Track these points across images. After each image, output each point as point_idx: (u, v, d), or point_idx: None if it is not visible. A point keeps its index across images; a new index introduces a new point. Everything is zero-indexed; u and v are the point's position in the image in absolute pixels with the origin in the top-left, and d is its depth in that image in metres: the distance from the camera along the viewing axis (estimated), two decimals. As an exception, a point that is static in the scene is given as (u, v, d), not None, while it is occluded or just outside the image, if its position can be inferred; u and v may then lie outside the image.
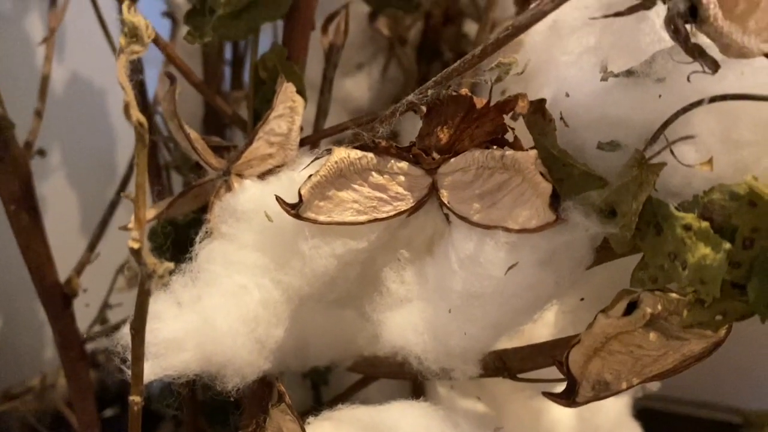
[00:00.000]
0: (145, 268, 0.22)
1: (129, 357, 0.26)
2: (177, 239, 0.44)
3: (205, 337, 0.27)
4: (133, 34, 0.22)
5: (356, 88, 0.61)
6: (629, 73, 0.25)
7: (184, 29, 0.64)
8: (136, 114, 0.21)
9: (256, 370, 0.28)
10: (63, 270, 0.50)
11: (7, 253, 0.52)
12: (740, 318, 0.23)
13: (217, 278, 0.28)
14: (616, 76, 0.25)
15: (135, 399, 0.24)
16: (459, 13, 0.61)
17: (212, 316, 0.27)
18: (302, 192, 0.28)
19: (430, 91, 0.28)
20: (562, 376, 0.28)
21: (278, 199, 0.28)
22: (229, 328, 0.27)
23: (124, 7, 0.22)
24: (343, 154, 0.28)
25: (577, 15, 0.27)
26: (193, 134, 0.37)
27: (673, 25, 0.22)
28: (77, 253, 0.67)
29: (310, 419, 0.30)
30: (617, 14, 0.23)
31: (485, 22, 0.42)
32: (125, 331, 0.26)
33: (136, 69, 0.22)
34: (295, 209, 0.28)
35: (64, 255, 0.53)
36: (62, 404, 0.80)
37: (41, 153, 0.55)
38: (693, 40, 0.23)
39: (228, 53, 0.62)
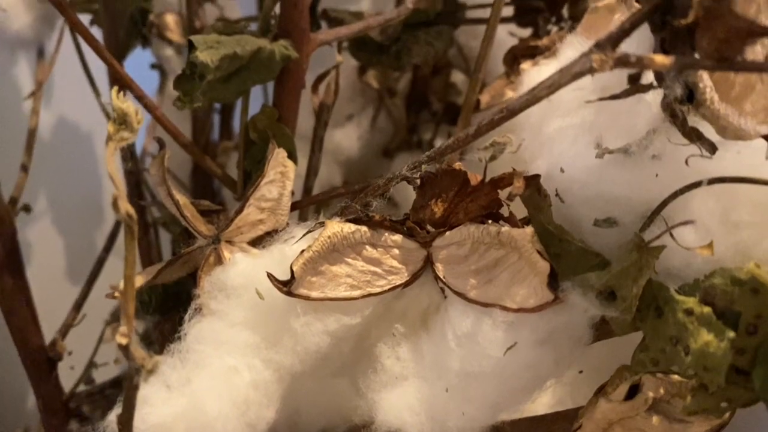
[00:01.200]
0: (133, 363, 0.21)
1: (116, 445, 0.25)
2: (163, 296, 0.43)
3: (195, 423, 0.26)
4: (122, 120, 0.22)
5: (346, 138, 0.61)
6: (625, 150, 0.25)
7: (172, 81, 0.64)
8: (125, 206, 0.20)
9: (247, 453, 0.27)
10: (46, 318, 0.48)
11: None
12: (745, 405, 0.22)
13: (207, 359, 0.27)
14: (611, 152, 0.25)
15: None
16: (447, 64, 0.61)
17: (202, 400, 0.26)
18: (294, 268, 0.27)
19: (423, 166, 0.27)
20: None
21: (270, 276, 0.27)
22: (219, 412, 0.26)
23: (113, 93, 0.22)
24: (336, 228, 0.28)
25: (572, 96, 0.26)
26: (182, 200, 0.36)
27: (670, 109, 0.22)
28: (62, 303, 0.65)
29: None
30: (613, 97, 0.23)
31: (475, 81, 0.42)
32: (111, 418, 0.25)
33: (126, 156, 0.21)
34: (287, 286, 0.27)
35: (50, 302, 0.51)
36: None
37: (26, 209, 0.54)
38: (690, 121, 0.23)
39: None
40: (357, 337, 0.29)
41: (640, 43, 0.23)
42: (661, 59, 0.19)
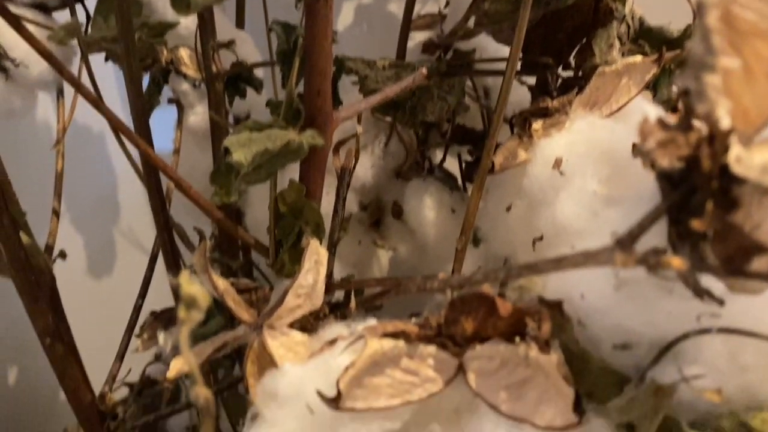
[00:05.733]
0: None
1: None
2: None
3: None
4: (191, 304, 0.24)
5: (360, 168, 0.63)
6: (639, 282, 0.28)
7: (190, 115, 0.66)
8: (204, 392, 0.23)
9: None
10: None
11: (19, 307, 0.54)
12: None
13: (267, 469, 0.30)
14: (627, 284, 0.28)
15: None
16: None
17: None
18: (341, 387, 0.30)
19: (455, 292, 0.30)
20: None
21: (319, 394, 0.30)
22: None
23: (182, 277, 0.24)
24: (376, 346, 0.31)
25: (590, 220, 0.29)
26: (224, 286, 0.39)
27: (683, 277, 0.24)
28: (84, 301, 0.68)
29: None
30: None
31: (490, 145, 0.43)
32: None
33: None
34: (335, 403, 0.30)
35: (72, 299, 0.54)
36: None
37: (63, 255, 0.57)
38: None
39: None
40: (397, 433, 0.33)
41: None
42: (677, 262, 0.21)
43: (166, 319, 0.78)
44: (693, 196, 0.22)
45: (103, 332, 0.65)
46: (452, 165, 0.66)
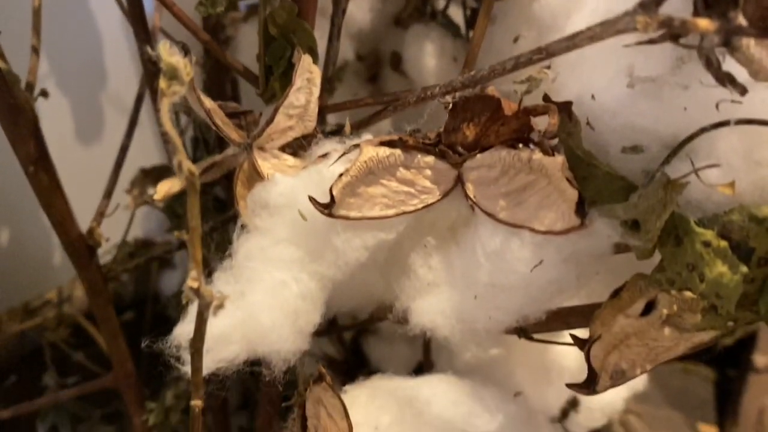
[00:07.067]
0: (203, 299, 0.23)
1: (182, 356, 0.28)
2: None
3: (251, 331, 0.29)
4: (172, 75, 0.22)
5: (357, 10, 0.60)
6: (655, 79, 0.26)
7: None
8: (187, 165, 0.21)
9: (298, 353, 0.31)
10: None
11: (11, 167, 0.52)
12: (749, 323, 0.25)
13: (258, 274, 0.30)
14: (642, 81, 0.26)
15: (197, 403, 0.26)
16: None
17: (256, 312, 0.29)
18: (334, 192, 0.29)
19: (457, 93, 0.28)
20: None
21: (312, 199, 0.29)
22: (272, 323, 0.29)
23: (162, 48, 0.22)
24: (371, 153, 0.29)
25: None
26: (211, 105, 0.37)
27: (705, 56, 0.22)
28: (74, 166, 0.66)
29: (347, 387, 0.33)
30: (650, 41, 0.23)
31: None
32: (178, 332, 0.28)
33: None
34: (328, 209, 0.29)
35: (60, 165, 0.52)
36: (80, 316, 0.84)
37: (44, 93, 0.54)
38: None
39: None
40: (390, 247, 0.32)
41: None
42: (704, 24, 0.19)
43: (155, 175, 0.77)
44: (727, -47, 0.20)
45: (91, 193, 0.63)
46: (456, 15, 0.63)
